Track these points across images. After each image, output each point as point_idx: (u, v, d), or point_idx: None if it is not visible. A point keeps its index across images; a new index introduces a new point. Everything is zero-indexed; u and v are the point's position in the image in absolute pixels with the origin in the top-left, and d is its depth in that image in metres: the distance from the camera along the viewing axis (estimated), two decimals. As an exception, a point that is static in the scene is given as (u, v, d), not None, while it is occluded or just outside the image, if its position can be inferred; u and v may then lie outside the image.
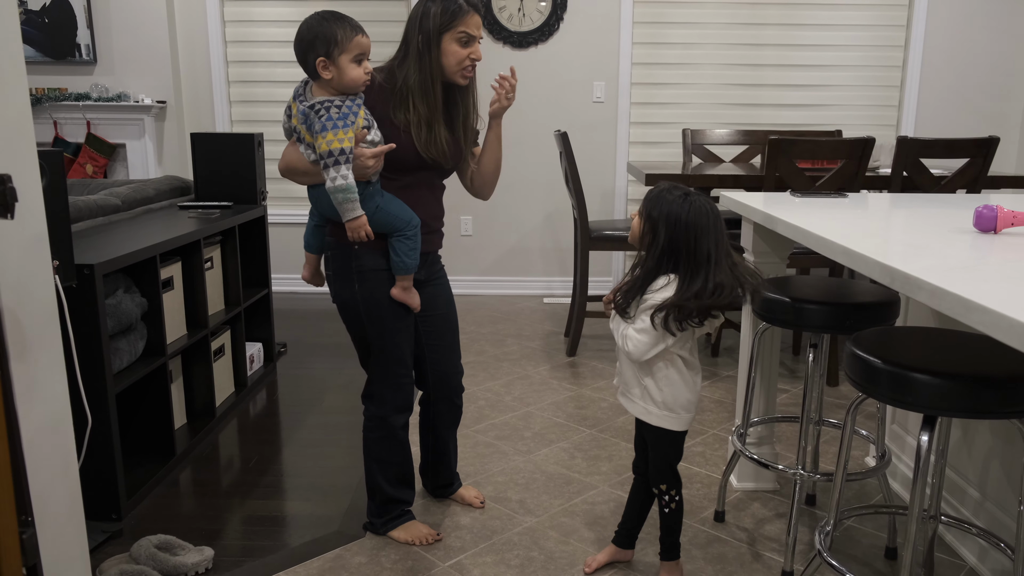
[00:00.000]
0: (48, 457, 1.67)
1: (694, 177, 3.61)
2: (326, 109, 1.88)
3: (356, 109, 1.91)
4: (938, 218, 2.00)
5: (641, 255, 1.89)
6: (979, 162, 3.34)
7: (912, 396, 1.48)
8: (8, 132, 1.49)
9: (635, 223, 1.90)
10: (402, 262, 2.04)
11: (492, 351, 3.99)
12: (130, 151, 4.90)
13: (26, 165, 1.54)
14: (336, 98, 1.91)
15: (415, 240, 2.05)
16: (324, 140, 1.86)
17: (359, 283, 2.08)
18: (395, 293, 2.09)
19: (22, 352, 1.54)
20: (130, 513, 2.42)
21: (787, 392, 3.46)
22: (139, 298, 2.58)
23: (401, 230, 2.03)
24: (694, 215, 1.80)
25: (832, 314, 1.99)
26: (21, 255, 1.54)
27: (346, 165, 1.88)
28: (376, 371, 2.17)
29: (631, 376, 1.94)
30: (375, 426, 2.21)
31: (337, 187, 1.89)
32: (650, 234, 1.84)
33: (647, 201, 1.86)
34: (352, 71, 1.89)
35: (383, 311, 2.10)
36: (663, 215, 1.82)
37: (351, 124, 1.88)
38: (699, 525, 2.37)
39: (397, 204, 2.04)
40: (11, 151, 1.50)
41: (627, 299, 1.87)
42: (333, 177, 1.88)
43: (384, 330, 2.12)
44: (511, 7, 4.81)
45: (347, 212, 1.92)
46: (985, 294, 1.20)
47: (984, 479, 2.18)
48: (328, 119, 1.86)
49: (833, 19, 4.86)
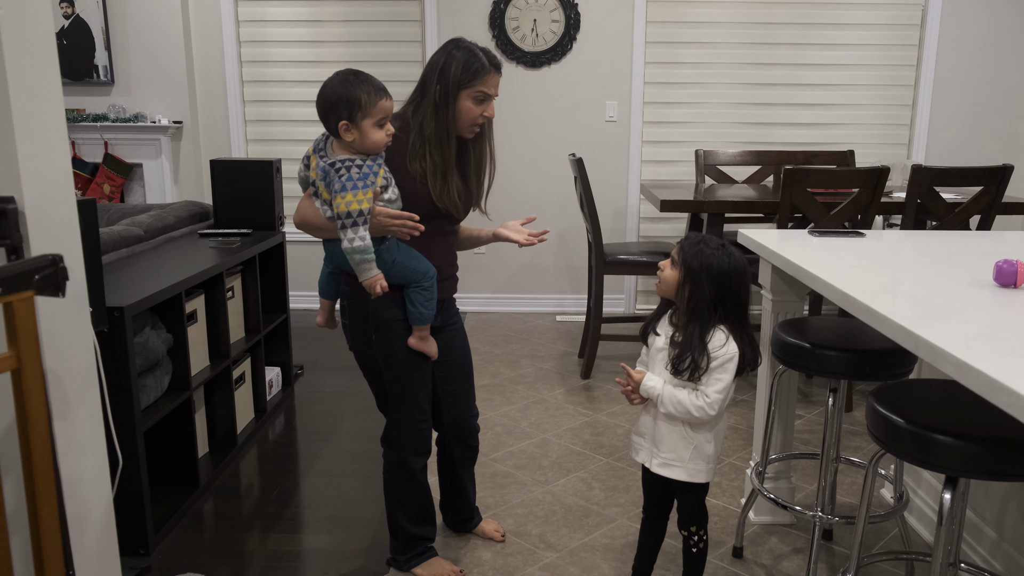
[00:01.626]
0: (88, 507, 1.71)
1: (709, 203, 3.64)
2: (347, 168, 1.87)
3: (376, 169, 1.92)
4: (957, 266, 2.03)
5: (676, 316, 1.89)
6: (992, 190, 3.36)
7: (935, 457, 1.51)
8: (56, 207, 1.53)
9: (669, 274, 1.88)
10: (419, 312, 2.05)
11: (507, 373, 4.03)
12: (147, 171, 4.95)
13: (70, 240, 1.58)
14: (357, 157, 1.91)
15: (432, 291, 2.06)
16: (344, 200, 1.86)
17: (376, 333, 2.10)
18: (412, 343, 2.10)
19: (64, 411, 1.58)
20: (157, 547, 2.46)
21: (802, 418, 3.49)
22: (165, 334, 2.62)
23: (418, 281, 2.04)
24: (737, 266, 1.83)
25: (852, 361, 2.02)
26: (63, 319, 1.58)
27: (364, 226, 1.88)
28: (395, 417, 2.20)
29: (677, 440, 1.89)
30: (395, 470, 2.24)
31: (355, 248, 1.89)
32: (691, 285, 1.84)
33: (686, 253, 1.85)
34: (374, 135, 1.89)
35: (400, 360, 2.12)
36: (706, 267, 1.82)
37: (371, 185, 1.89)
38: (718, 561, 2.40)
39: (413, 256, 2.04)
40: (61, 228, 1.53)
41: (686, 361, 1.82)
42: (351, 238, 1.88)
43: (402, 378, 2.14)
44: (524, 27, 4.85)
45: (363, 272, 1.93)
46: (1011, 372, 1.23)
47: (1001, 520, 2.20)
48: (348, 179, 1.86)
49: (845, 39, 4.88)
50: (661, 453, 1.93)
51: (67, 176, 1.58)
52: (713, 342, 1.83)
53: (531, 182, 5.00)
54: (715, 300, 1.82)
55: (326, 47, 4.92)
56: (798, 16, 4.85)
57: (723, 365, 1.82)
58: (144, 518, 2.39)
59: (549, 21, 4.84)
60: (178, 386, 2.67)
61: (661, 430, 1.93)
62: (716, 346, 1.82)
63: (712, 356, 1.82)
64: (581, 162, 3.78)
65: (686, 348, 1.83)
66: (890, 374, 2.03)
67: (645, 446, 1.98)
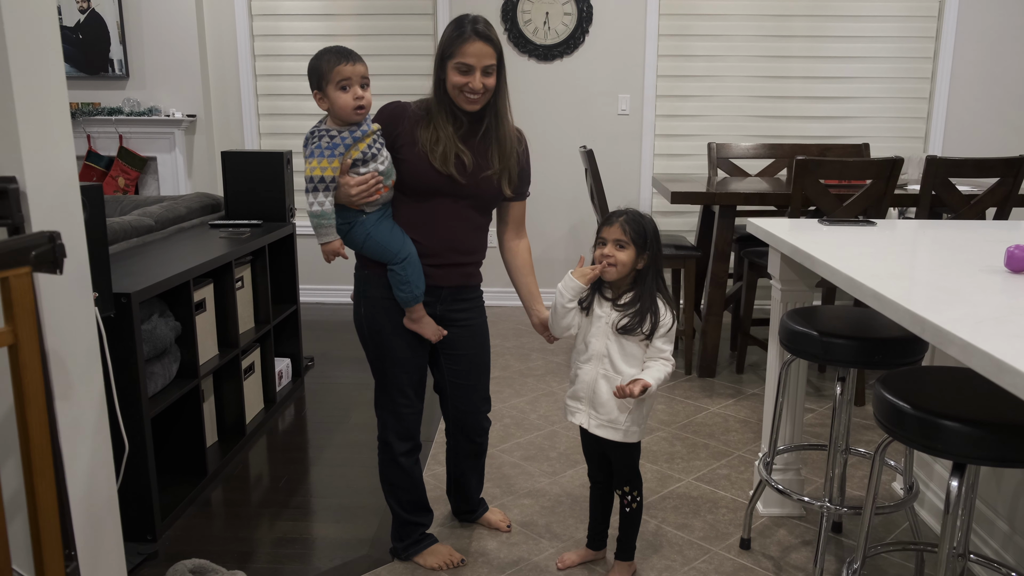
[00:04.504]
0: (90, 489, 1.72)
1: (720, 194, 3.62)
2: (319, 137, 1.96)
3: (350, 141, 1.96)
4: (968, 253, 1.99)
5: (614, 287, 2.06)
6: (1009, 181, 3.30)
7: (941, 443, 1.48)
8: (57, 187, 1.54)
9: (624, 255, 2.00)
10: (396, 294, 2.08)
11: (517, 366, 4.02)
12: (161, 164, 4.98)
13: (73, 220, 1.59)
14: (334, 128, 1.97)
15: (403, 274, 2.05)
16: (308, 166, 1.96)
17: (364, 307, 2.15)
18: (405, 322, 2.13)
19: (66, 391, 1.59)
20: (164, 534, 2.47)
21: (813, 412, 3.45)
22: (173, 322, 2.63)
23: (390, 262, 2.06)
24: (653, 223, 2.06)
25: (860, 349, 1.99)
26: (64, 298, 1.59)
27: (324, 193, 1.96)
28: (377, 395, 2.23)
29: (614, 404, 2.04)
30: (381, 449, 2.27)
31: (313, 212, 1.98)
32: (647, 255, 2.01)
33: (632, 231, 1.99)
34: (338, 98, 1.94)
35: (382, 339, 2.15)
36: (651, 232, 2.01)
37: (338, 155, 1.95)
38: (725, 552, 2.38)
39: (389, 236, 2.05)
40: (62, 208, 1.54)
41: (645, 324, 2.01)
42: (311, 203, 1.97)
43: (383, 357, 2.17)
44: (537, 21, 4.83)
45: (320, 236, 2.01)
46: (1018, 353, 1.20)
47: (1013, 512, 2.17)
48: (317, 147, 1.95)
49: (861, 31, 4.82)
50: (599, 415, 2.07)
51: (69, 157, 1.59)
52: (658, 313, 2.01)
53: (543, 175, 4.99)
54: (660, 260, 2.03)
55: (338, 41, 4.89)
56: (813, 8, 4.80)
57: (666, 335, 2.02)
58: (151, 504, 2.40)
59: (561, 14, 4.82)
60: (186, 374, 2.68)
61: (601, 394, 2.05)
62: (662, 316, 2.02)
63: (660, 325, 2.01)
64: (592, 154, 3.77)
65: (646, 310, 2.00)
66: (900, 362, 2.00)
67: (582, 409, 2.11)
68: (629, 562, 2.23)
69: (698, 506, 2.65)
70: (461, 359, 2.26)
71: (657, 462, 2.97)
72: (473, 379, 2.29)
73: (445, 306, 2.19)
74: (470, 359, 2.26)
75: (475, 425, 2.36)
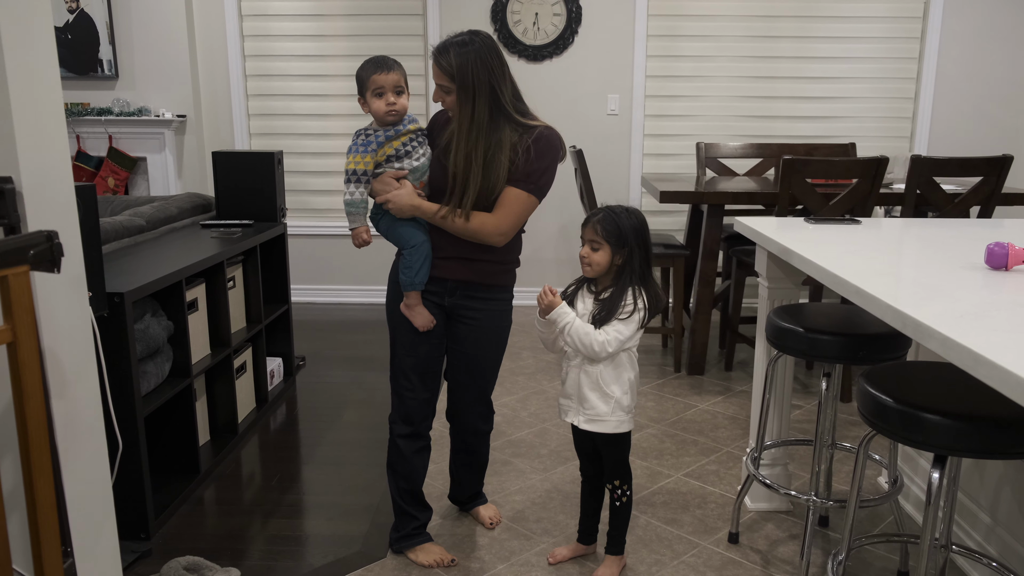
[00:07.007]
0: (86, 487, 1.73)
1: (708, 194, 3.65)
2: (357, 136, 2.16)
3: (382, 139, 2.15)
4: (951, 250, 2.03)
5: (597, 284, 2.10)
6: (992, 180, 3.36)
7: (922, 435, 1.52)
8: (53, 187, 1.55)
9: (600, 255, 2.05)
10: (402, 276, 2.21)
11: (508, 364, 4.04)
12: (151, 164, 4.98)
13: (68, 220, 1.61)
14: (371, 127, 2.17)
15: (413, 260, 2.19)
16: (347, 160, 2.16)
17: (390, 289, 2.29)
18: (401, 307, 2.23)
19: (62, 390, 1.61)
20: (158, 532, 2.49)
21: (800, 408, 3.50)
22: (165, 321, 2.64)
23: (401, 248, 2.22)
24: (642, 218, 2.09)
25: (845, 345, 2.03)
26: (60, 297, 1.61)
27: (356, 184, 2.14)
28: (390, 372, 2.31)
29: (598, 399, 2.09)
30: (389, 428, 2.33)
31: (346, 201, 2.17)
32: (624, 253, 2.05)
33: (605, 230, 2.03)
34: (373, 105, 2.14)
35: (395, 321, 2.27)
36: (631, 231, 2.03)
37: (372, 151, 2.15)
38: (713, 547, 2.42)
39: (409, 227, 2.20)
40: (58, 208, 1.56)
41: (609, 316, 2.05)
42: (344, 192, 2.17)
43: (394, 339, 2.29)
44: (526, 21, 4.86)
45: (351, 222, 2.20)
46: (994, 346, 1.24)
47: (996, 505, 2.21)
48: (354, 144, 2.15)
49: (847, 31, 4.87)
50: (586, 411, 2.12)
51: (65, 157, 1.60)
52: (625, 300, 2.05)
53: (533, 175, 5.01)
54: (643, 257, 2.05)
55: (329, 41, 4.94)
56: (800, 9, 4.85)
57: (626, 320, 2.04)
58: (145, 503, 2.41)
59: (550, 14, 4.85)
60: (179, 373, 2.70)
61: (584, 392, 2.11)
62: (626, 302, 2.06)
63: (622, 308, 2.05)
64: (581, 154, 3.80)
65: (615, 303, 2.04)
66: (883, 358, 2.03)
67: (572, 406, 2.15)
68: (619, 556, 2.26)
69: (687, 501, 2.69)
70: (460, 355, 2.30)
71: (647, 458, 3.01)
72: (467, 378, 2.32)
73: (454, 299, 2.24)
74: (469, 357, 2.29)
75: (466, 425, 2.39)
